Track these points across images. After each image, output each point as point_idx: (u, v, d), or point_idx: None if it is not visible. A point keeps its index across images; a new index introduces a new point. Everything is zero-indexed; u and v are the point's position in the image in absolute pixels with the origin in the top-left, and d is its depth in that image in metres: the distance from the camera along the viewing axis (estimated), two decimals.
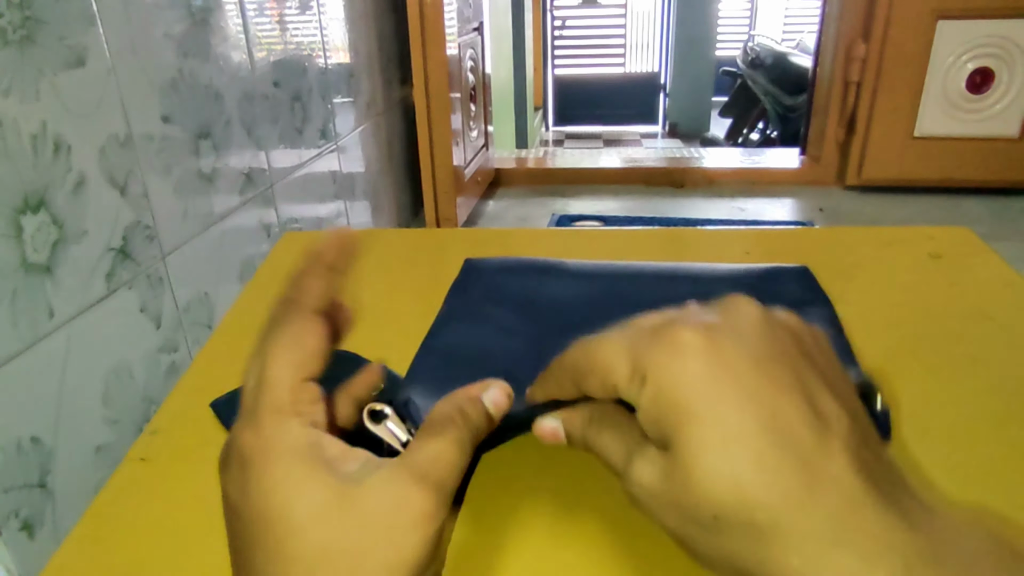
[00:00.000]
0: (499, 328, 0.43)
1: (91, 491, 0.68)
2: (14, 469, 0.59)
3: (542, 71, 4.78)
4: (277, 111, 1.12)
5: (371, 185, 1.62)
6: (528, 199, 2.31)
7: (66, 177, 0.65)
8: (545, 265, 0.49)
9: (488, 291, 0.47)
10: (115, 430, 0.72)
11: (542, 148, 4.51)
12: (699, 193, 2.33)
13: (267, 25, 1.09)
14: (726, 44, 5.42)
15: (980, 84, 2.02)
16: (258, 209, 1.05)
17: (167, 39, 0.82)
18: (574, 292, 0.46)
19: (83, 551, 0.31)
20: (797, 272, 0.47)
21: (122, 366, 0.73)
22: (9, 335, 0.59)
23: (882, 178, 2.19)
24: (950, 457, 0.34)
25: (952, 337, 0.43)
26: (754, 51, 4.19)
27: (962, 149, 2.10)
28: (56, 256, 0.64)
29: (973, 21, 1.97)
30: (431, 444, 0.23)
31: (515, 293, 0.46)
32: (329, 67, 1.35)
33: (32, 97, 0.61)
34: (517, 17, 3.47)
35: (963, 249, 0.55)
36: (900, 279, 0.52)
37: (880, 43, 2.03)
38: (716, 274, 0.47)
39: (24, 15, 0.60)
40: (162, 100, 0.81)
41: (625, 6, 5.61)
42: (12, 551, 0.58)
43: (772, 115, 4.10)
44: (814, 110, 2.36)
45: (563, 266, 0.49)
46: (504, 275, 0.48)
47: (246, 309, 0.52)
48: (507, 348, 0.41)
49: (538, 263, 0.49)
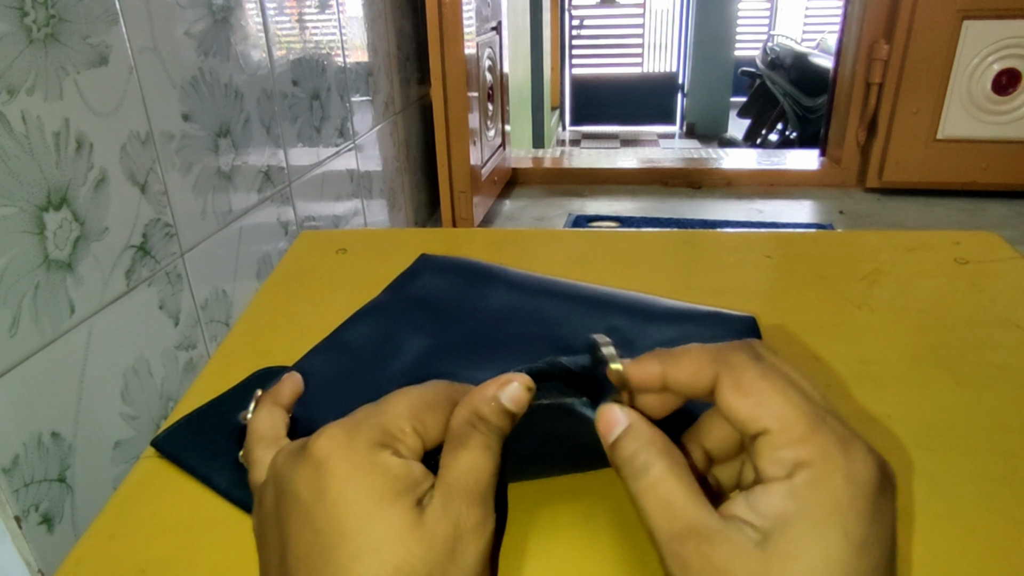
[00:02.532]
0: (412, 328, 0.43)
1: (109, 486, 0.69)
2: (34, 463, 0.60)
3: (559, 71, 4.77)
4: (296, 110, 1.13)
5: (388, 184, 1.62)
6: (545, 199, 2.30)
7: (88, 175, 0.66)
8: (488, 272, 0.48)
9: (421, 289, 0.47)
10: (133, 426, 0.73)
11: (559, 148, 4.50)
12: (717, 194, 2.31)
13: (286, 24, 1.10)
14: (745, 44, 5.37)
15: (1006, 85, 1.98)
16: (276, 207, 1.06)
17: (188, 38, 0.82)
18: (502, 303, 0.46)
19: (101, 546, 0.32)
20: (743, 323, 0.41)
21: (141, 362, 0.74)
22: (31, 331, 0.59)
23: (904, 181, 2.16)
24: (977, 467, 0.33)
25: (979, 345, 0.42)
26: (774, 51, 4.15)
27: (987, 152, 2.06)
28: (77, 253, 0.64)
29: (1000, 21, 1.93)
30: (460, 457, 0.23)
31: (445, 295, 0.47)
32: (347, 66, 1.35)
33: (56, 95, 0.62)
34: (535, 16, 3.47)
35: (990, 254, 0.54)
36: (925, 285, 0.51)
37: (903, 43, 2.00)
38: (654, 309, 0.43)
39: (49, 14, 0.61)
40: (183, 98, 0.81)
41: (643, 5, 5.59)
42: (32, 544, 0.59)
43: (791, 116, 4.06)
44: (835, 111, 2.33)
45: (504, 275, 0.48)
46: (443, 275, 0.49)
47: (263, 307, 0.52)
48: (408, 348, 0.42)
49: (483, 269, 0.49)
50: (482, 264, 0.50)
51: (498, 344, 0.42)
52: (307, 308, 0.51)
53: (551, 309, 0.44)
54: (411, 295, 0.47)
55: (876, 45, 2.06)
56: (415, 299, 0.47)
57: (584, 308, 0.44)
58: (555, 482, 0.33)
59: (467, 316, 0.45)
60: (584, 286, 0.47)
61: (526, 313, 0.44)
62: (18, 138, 0.58)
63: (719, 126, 5.06)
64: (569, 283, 0.47)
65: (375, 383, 0.39)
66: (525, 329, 0.43)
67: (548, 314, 0.44)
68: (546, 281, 0.47)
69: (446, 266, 0.50)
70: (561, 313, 0.44)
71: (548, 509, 0.32)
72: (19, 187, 0.58)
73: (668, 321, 0.42)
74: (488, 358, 0.40)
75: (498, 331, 0.43)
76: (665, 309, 0.43)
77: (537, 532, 0.31)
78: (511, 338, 0.42)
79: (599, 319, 0.43)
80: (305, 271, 0.57)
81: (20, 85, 0.58)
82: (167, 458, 0.36)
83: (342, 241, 0.62)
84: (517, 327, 0.43)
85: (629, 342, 0.40)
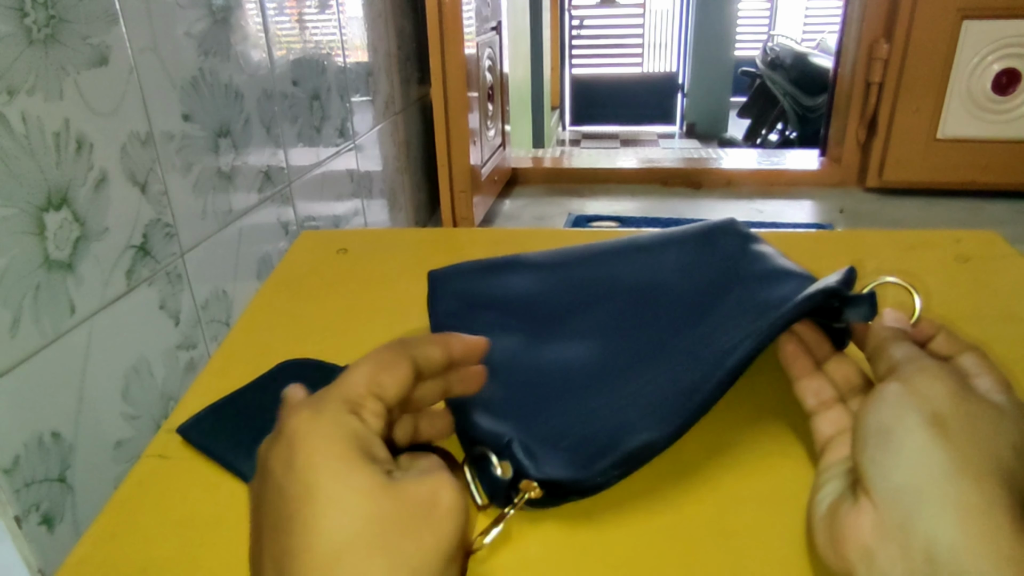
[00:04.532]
0: (501, 329, 0.42)
1: (110, 486, 0.69)
2: (35, 463, 0.60)
3: (559, 70, 4.77)
4: (296, 110, 1.13)
5: (388, 184, 1.62)
6: (545, 199, 2.30)
7: (88, 175, 0.66)
8: (503, 263, 0.48)
9: (465, 299, 0.45)
10: (134, 426, 0.73)
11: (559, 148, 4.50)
12: (717, 194, 2.31)
13: (286, 24, 1.10)
14: (745, 44, 5.37)
15: (1006, 85, 1.98)
16: (276, 207, 1.06)
17: (188, 38, 0.82)
18: (541, 284, 0.45)
19: (102, 546, 0.32)
20: (727, 225, 0.47)
21: (141, 362, 0.74)
22: (32, 331, 0.59)
23: (904, 180, 2.15)
24: None
25: (980, 342, 0.42)
26: (773, 51, 4.15)
27: (987, 151, 2.06)
28: (78, 253, 0.64)
29: (1000, 21, 1.93)
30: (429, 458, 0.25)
31: (489, 295, 0.45)
32: (347, 66, 1.35)
33: (56, 95, 0.62)
34: (535, 16, 3.47)
35: (990, 253, 0.54)
36: (926, 283, 0.51)
37: (903, 43, 2.00)
38: (659, 240, 0.47)
39: (49, 14, 0.61)
40: (183, 99, 0.81)
41: (643, 5, 5.59)
42: (33, 544, 0.59)
43: (791, 116, 4.06)
44: (834, 111, 2.33)
45: (519, 261, 0.48)
46: (471, 280, 0.47)
47: (264, 306, 0.52)
48: (506, 348, 0.40)
49: (496, 262, 0.48)
50: (489, 260, 0.49)
51: (572, 316, 0.43)
52: (307, 308, 0.51)
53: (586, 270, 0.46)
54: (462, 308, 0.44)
55: (876, 44, 2.06)
56: (473, 308, 0.44)
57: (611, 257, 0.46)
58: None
59: (528, 302, 0.44)
60: (588, 245, 0.48)
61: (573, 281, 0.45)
62: (18, 139, 0.58)
63: (719, 126, 5.06)
64: (572, 248, 0.48)
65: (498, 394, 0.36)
66: (586, 292, 0.44)
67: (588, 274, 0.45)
68: (554, 253, 0.48)
69: (466, 272, 0.47)
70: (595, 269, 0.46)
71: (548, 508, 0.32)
72: (19, 188, 0.58)
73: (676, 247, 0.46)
74: (573, 333, 0.41)
75: (567, 301, 0.44)
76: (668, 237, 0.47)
77: (537, 532, 0.31)
78: (583, 303, 0.43)
79: (626, 262, 0.46)
80: (305, 271, 0.57)
81: (20, 86, 0.58)
82: (193, 445, 0.36)
83: (342, 241, 0.62)
84: (579, 293, 0.44)
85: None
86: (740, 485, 0.33)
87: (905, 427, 0.24)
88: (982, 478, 0.22)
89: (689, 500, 0.32)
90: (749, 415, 0.37)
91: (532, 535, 0.31)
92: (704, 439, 0.35)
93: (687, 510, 0.32)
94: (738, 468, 0.34)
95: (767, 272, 0.40)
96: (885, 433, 0.24)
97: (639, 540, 0.30)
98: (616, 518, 0.31)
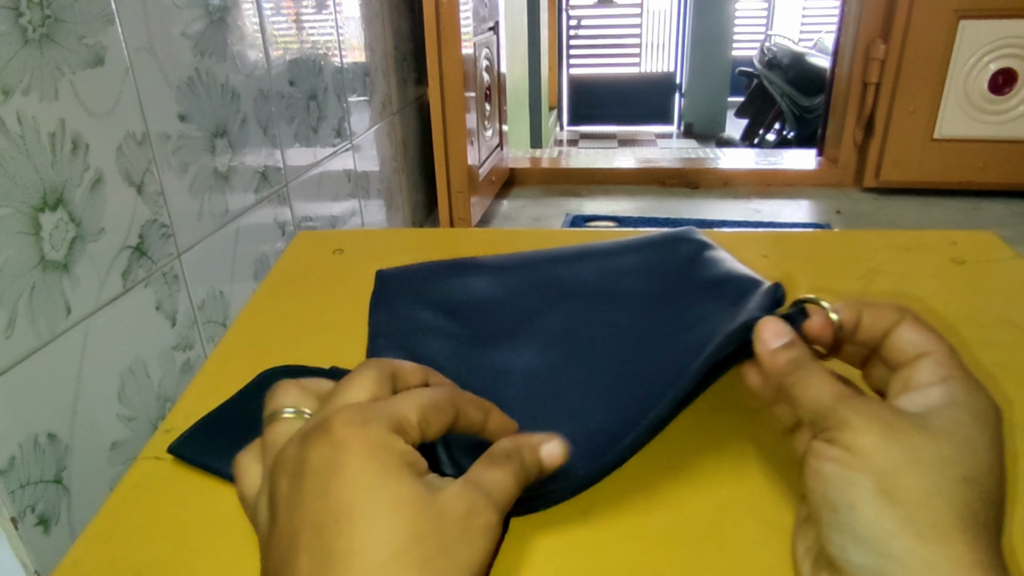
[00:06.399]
0: (435, 333, 0.42)
1: (106, 488, 0.69)
2: (31, 464, 0.59)
3: (557, 71, 4.77)
4: (293, 110, 1.12)
5: (386, 184, 1.62)
6: (542, 199, 2.30)
7: (84, 175, 0.66)
8: (459, 265, 0.48)
9: (410, 299, 0.45)
10: (130, 427, 0.72)
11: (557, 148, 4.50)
12: (714, 194, 2.32)
13: (283, 24, 1.10)
14: (742, 44, 5.38)
15: (1003, 85, 1.99)
16: (273, 207, 1.05)
17: (184, 38, 0.82)
18: (496, 287, 0.45)
19: (98, 548, 0.32)
20: (684, 232, 0.47)
21: (138, 363, 0.74)
22: (27, 332, 0.59)
23: (901, 180, 2.16)
24: None
25: (978, 345, 0.42)
26: (771, 51, 4.15)
27: (984, 151, 2.07)
28: (73, 254, 0.64)
29: (996, 21, 1.94)
30: (494, 472, 0.26)
31: (437, 297, 0.45)
32: (344, 66, 1.35)
33: (51, 96, 0.62)
34: (532, 16, 3.47)
35: (987, 254, 0.54)
36: (922, 284, 0.51)
37: (900, 43, 2.00)
38: (617, 247, 0.47)
39: (44, 14, 0.61)
40: (179, 99, 0.81)
41: (641, 5, 5.59)
42: (28, 546, 0.59)
43: (789, 116, 4.07)
44: (832, 111, 2.33)
45: (477, 263, 0.48)
46: (420, 281, 0.47)
47: (260, 307, 0.52)
48: (447, 352, 0.40)
49: (451, 264, 0.48)
50: (444, 261, 0.49)
51: (524, 320, 0.42)
52: (304, 308, 0.51)
53: (542, 274, 0.46)
54: (404, 309, 0.45)
55: (873, 45, 2.06)
56: (413, 309, 0.44)
57: (570, 263, 0.46)
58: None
59: (474, 306, 0.44)
60: (547, 251, 0.48)
61: (524, 286, 0.45)
62: (13, 139, 0.58)
63: (716, 126, 5.07)
64: (532, 252, 0.48)
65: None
66: (536, 299, 0.44)
67: (543, 279, 0.45)
68: (513, 257, 0.48)
69: (415, 273, 0.48)
70: (553, 276, 0.45)
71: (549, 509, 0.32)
72: (15, 188, 0.58)
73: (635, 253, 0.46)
74: (523, 337, 0.41)
75: (513, 309, 0.43)
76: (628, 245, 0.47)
77: (537, 531, 0.31)
78: (531, 311, 0.43)
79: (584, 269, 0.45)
80: (302, 271, 0.57)
81: (15, 86, 0.58)
82: (187, 463, 0.36)
83: (339, 241, 0.62)
84: (528, 300, 0.44)
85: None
86: (738, 486, 0.33)
87: (849, 503, 0.23)
88: (940, 537, 0.22)
89: (685, 501, 0.32)
90: (749, 415, 0.37)
91: (529, 536, 0.30)
92: (703, 439, 0.35)
93: (683, 511, 0.31)
94: (736, 469, 0.34)
95: (715, 279, 0.40)
96: (834, 510, 0.23)
97: (635, 542, 0.30)
98: (612, 519, 0.31)
